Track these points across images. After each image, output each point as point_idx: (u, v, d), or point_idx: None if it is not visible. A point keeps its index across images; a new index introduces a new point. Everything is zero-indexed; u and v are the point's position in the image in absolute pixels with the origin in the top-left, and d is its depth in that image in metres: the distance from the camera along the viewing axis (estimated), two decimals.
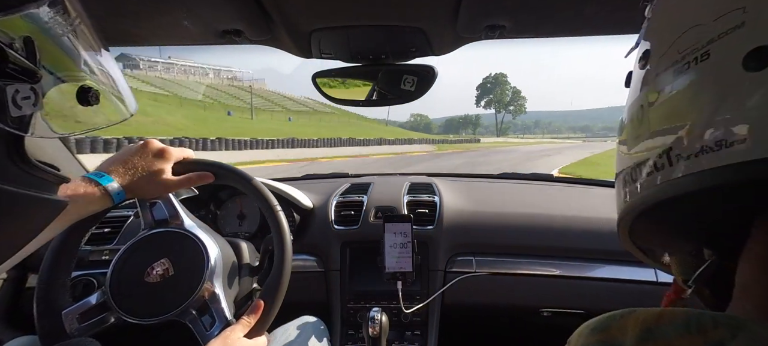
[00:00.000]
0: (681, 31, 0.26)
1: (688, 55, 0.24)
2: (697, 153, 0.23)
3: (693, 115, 0.24)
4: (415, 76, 0.91)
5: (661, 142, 0.26)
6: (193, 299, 0.67)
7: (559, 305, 1.06)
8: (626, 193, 0.29)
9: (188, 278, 0.69)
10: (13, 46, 0.50)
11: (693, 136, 0.23)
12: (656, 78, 0.27)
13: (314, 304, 1.10)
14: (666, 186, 0.25)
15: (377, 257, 1.04)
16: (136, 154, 0.68)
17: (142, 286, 0.68)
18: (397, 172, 1.68)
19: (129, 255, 0.71)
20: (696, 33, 0.24)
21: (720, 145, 0.21)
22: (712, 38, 0.23)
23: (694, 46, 0.24)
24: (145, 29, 0.78)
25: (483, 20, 0.74)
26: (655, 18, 0.30)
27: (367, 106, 0.95)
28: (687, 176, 0.23)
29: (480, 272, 1.06)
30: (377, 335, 0.83)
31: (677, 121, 0.25)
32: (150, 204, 0.74)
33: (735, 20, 0.22)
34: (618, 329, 0.23)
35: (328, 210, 1.18)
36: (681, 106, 0.25)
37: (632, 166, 0.28)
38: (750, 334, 0.19)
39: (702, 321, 0.20)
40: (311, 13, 0.73)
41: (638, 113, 0.28)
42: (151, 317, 0.67)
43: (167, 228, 0.73)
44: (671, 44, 0.26)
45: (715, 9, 0.23)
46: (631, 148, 0.29)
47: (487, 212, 1.18)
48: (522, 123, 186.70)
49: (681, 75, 0.25)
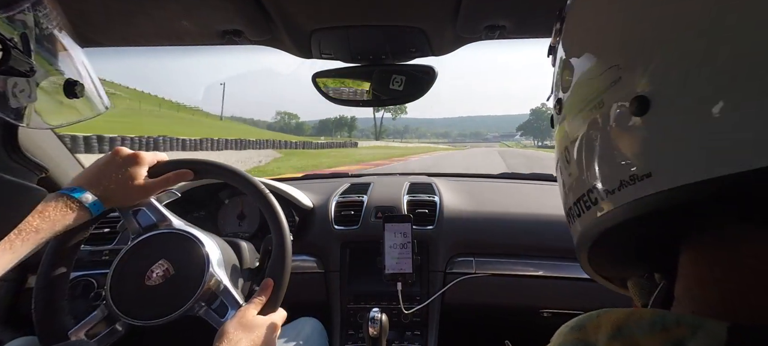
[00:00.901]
0: (580, 82, 0.30)
1: (588, 103, 0.28)
2: (614, 190, 0.26)
3: (601, 157, 0.27)
4: (415, 77, 0.91)
5: (585, 181, 0.29)
6: (200, 292, 0.67)
7: (559, 305, 1.06)
8: (572, 228, 0.33)
9: (191, 274, 0.69)
10: (13, 42, 0.51)
11: (606, 175, 0.27)
12: (568, 124, 0.31)
13: (314, 304, 1.10)
14: (597, 221, 0.28)
15: (377, 257, 1.04)
16: (106, 164, 0.67)
17: (144, 290, 0.67)
18: (397, 172, 1.68)
19: (124, 264, 0.69)
20: (591, 85, 0.28)
21: (634, 179, 0.24)
22: (602, 89, 0.27)
23: (591, 96, 0.28)
24: (145, 30, 0.78)
25: (483, 20, 0.74)
26: (558, 70, 0.34)
27: (367, 106, 0.95)
28: (610, 211, 0.27)
29: (480, 273, 1.06)
30: (377, 336, 0.83)
31: (591, 163, 0.28)
32: (133, 212, 0.73)
33: (613, 75, 0.26)
34: (592, 328, 0.25)
35: (328, 210, 1.18)
36: (592, 148, 0.28)
37: (571, 205, 0.32)
38: (707, 331, 0.20)
39: (666, 320, 0.22)
40: (311, 14, 0.73)
41: (564, 155, 0.32)
42: (160, 317, 0.66)
43: (158, 231, 0.73)
44: (574, 93, 0.30)
45: (599, 66, 0.28)
46: (567, 187, 0.33)
47: (487, 212, 1.18)
48: (394, 128, 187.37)
49: (586, 121, 0.28)
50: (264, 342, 0.65)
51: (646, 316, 0.23)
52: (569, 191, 0.32)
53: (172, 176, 0.72)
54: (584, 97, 0.28)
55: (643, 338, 0.22)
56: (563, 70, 0.33)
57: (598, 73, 0.27)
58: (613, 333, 0.23)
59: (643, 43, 0.25)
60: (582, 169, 0.29)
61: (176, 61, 44.85)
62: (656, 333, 0.22)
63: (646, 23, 0.25)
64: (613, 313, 0.24)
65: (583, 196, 0.30)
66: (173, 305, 0.67)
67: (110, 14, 0.72)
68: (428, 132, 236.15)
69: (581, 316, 0.26)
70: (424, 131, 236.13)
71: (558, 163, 0.34)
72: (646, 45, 0.25)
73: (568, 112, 0.31)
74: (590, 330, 0.25)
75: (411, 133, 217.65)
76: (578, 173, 0.30)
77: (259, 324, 0.66)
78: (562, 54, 0.34)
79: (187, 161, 0.75)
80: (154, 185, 0.70)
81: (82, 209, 0.61)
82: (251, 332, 0.64)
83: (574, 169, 0.30)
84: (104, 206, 0.65)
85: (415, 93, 0.92)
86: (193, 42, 0.84)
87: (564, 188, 0.33)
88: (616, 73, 0.26)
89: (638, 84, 0.24)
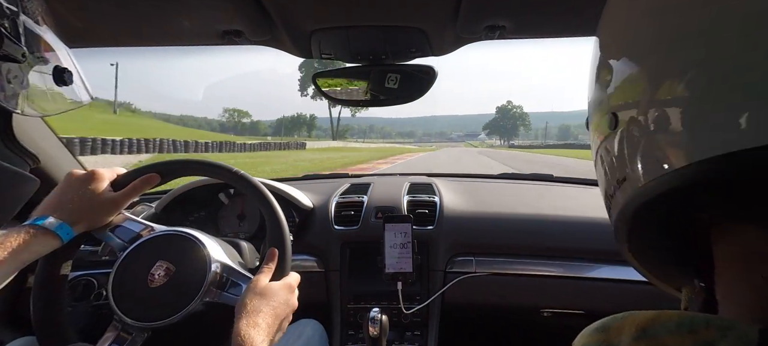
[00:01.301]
0: (594, 103, 0.33)
1: (607, 118, 0.30)
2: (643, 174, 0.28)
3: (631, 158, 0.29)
4: (415, 77, 0.91)
5: (618, 172, 0.31)
6: (207, 281, 0.67)
7: (559, 305, 1.06)
8: (615, 207, 0.33)
9: (193, 269, 0.69)
10: (5, 27, 0.51)
11: (635, 166, 0.29)
12: (594, 132, 0.34)
13: (314, 304, 1.10)
14: (634, 194, 0.29)
15: (377, 257, 1.04)
16: (63, 188, 0.65)
17: (150, 292, 0.66)
18: (396, 172, 1.68)
19: (121, 275, 0.68)
20: (602, 105, 0.31)
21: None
22: (615, 106, 0.29)
23: (606, 112, 0.30)
24: (145, 30, 0.78)
25: (483, 20, 0.74)
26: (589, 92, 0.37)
27: (367, 106, 0.96)
28: (646, 184, 0.28)
29: (480, 273, 1.06)
30: (377, 336, 0.83)
31: (618, 162, 0.30)
32: (111, 230, 0.71)
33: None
34: (616, 329, 0.24)
35: (329, 210, 1.18)
36: (619, 151, 0.30)
37: (618, 180, 0.32)
38: (738, 333, 0.20)
39: (694, 322, 0.22)
40: (311, 14, 0.73)
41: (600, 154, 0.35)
42: (176, 313, 0.65)
43: (154, 234, 0.72)
44: (593, 114, 0.34)
45: (603, 91, 0.31)
46: (603, 182, 0.34)
47: (487, 212, 1.18)
48: (358, 127, 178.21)
49: (609, 131, 0.31)
50: (284, 304, 0.65)
51: (673, 318, 0.22)
52: (602, 180, 0.34)
53: (137, 183, 0.70)
54: (602, 112, 0.32)
55: (668, 338, 0.22)
56: (588, 92, 0.36)
57: (611, 90, 0.31)
58: (637, 335, 0.23)
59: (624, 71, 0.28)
60: (610, 165, 0.32)
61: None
62: (684, 334, 0.21)
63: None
64: (639, 315, 0.24)
65: (612, 185, 0.32)
66: (182, 302, 0.66)
67: (110, 15, 0.72)
68: (393, 132, 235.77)
69: (606, 318, 0.26)
70: (389, 131, 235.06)
71: (598, 160, 0.36)
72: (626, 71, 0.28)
73: (593, 127, 0.35)
74: (613, 332, 0.25)
75: (376, 132, 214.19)
76: (607, 169, 0.33)
77: (275, 289, 0.66)
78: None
79: (152, 166, 0.74)
80: (120, 198, 0.69)
81: (48, 234, 0.60)
82: (270, 298, 0.64)
83: (605, 166, 0.33)
84: (74, 229, 0.63)
85: (414, 93, 0.92)
86: (193, 42, 0.84)
87: (605, 178, 0.35)
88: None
89: (610, 103, 0.29)
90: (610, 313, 0.26)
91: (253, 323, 0.59)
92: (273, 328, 0.62)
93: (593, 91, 0.33)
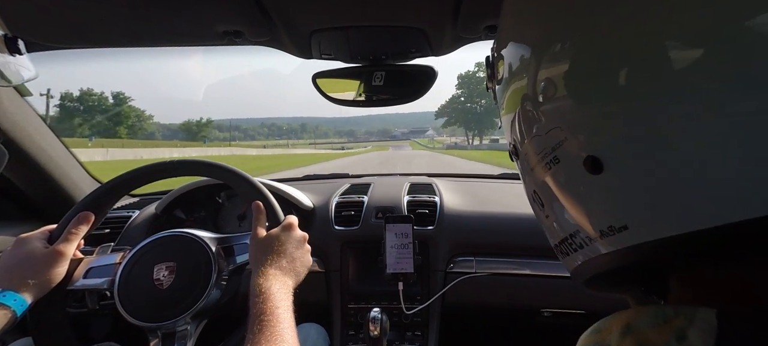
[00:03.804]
0: (530, 137, 0.29)
1: (544, 157, 0.28)
2: (594, 239, 0.26)
3: (573, 208, 0.27)
4: (415, 77, 0.91)
5: (564, 226, 0.29)
6: (212, 254, 0.69)
7: (559, 305, 1.06)
8: (563, 261, 0.33)
9: (193, 254, 0.70)
10: None
11: (584, 224, 0.27)
12: (531, 173, 0.31)
13: (315, 304, 1.10)
14: (587, 265, 0.29)
15: (378, 257, 1.04)
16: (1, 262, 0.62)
17: (160, 294, 0.66)
18: (396, 172, 1.68)
19: (124, 289, 0.67)
20: (539, 142, 0.28)
21: (612, 230, 0.25)
22: (552, 146, 0.27)
23: (544, 151, 0.28)
24: (145, 30, 0.78)
25: (483, 20, 0.74)
26: (504, 114, 0.33)
27: (367, 106, 0.95)
28: (599, 257, 0.27)
29: (480, 273, 1.06)
30: (378, 336, 0.83)
31: (563, 211, 0.28)
32: (84, 277, 0.68)
33: (559, 136, 0.26)
34: (607, 329, 0.26)
35: (329, 210, 1.18)
36: (562, 198, 0.28)
37: (556, 243, 0.32)
38: (701, 317, 0.22)
39: (666, 313, 0.23)
40: (311, 14, 0.73)
41: (535, 199, 0.32)
42: (196, 302, 0.65)
43: (129, 256, 0.70)
44: (528, 146, 0.30)
45: (543, 126, 0.27)
46: (545, 226, 0.33)
47: (488, 212, 1.18)
48: (287, 126, 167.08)
49: (547, 173, 0.28)
50: (289, 243, 0.66)
51: (650, 311, 0.24)
52: (550, 231, 0.32)
53: (71, 228, 0.66)
54: (537, 151, 0.28)
55: (650, 332, 0.23)
56: (509, 116, 0.32)
57: (543, 132, 0.27)
58: (622, 331, 0.24)
59: (578, 111, 0.24)
60: (557, 215, 0.30)
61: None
62: (660, 325, 0.23)
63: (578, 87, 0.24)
64: (623, 314, 0.26)
65: (566, 239, 0.30)
66: (202, 283, 0.67)
67: (111, 16, 0.72)
68: (331, 131, 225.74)
69: (601, 320, 0.27)
70: (326, 130, 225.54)
71: (531, 200, 0.34)
72: (583, 112, 0.24)
73: (525, 161, 0.31)
74: (605, 332, 0.26)
75: (309, 133, 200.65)
76: (554, 216, 0.30)
77: (275, 234, 0.67)
78: (502, 97, 0.33)
79: (85, 202, 0.70)
80: (61, 247, 0.64)
81: (4, 308, 0.56)
82: (272, 245, 0.65)
83: (549, 211, 0.31)
84: (24, 296, 0.59)
85: (414, 93, 0.92)
86: (193, 43, 0.84)
87: (543, 225, 0.33)
88: (562, 134, 0.26)
89: (585, 146, 0.24)
90: (610, 313, 0.27)
91: (263, 274, 0.59)
92: (288, 270, 0.63)
93: (539, 127, 0.28)
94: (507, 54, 0.32)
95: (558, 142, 0.26)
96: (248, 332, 0.50)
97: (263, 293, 0.55)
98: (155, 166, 0.76)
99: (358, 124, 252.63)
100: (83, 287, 0.68)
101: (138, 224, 1.17)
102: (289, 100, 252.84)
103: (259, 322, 0.51)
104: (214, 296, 0.68)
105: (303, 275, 0.66)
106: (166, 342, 0.65)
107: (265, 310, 0.53)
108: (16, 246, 0.63)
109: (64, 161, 1.14)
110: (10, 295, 0.57)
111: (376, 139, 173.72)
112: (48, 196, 1.12)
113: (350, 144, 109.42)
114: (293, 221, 0.71)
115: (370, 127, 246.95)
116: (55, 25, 0.74)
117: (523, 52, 0.29)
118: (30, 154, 1.02)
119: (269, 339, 0.49)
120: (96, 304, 0.71)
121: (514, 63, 0.30)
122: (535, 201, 0.32)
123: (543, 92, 0.27)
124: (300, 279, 0.65)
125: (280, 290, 0.57)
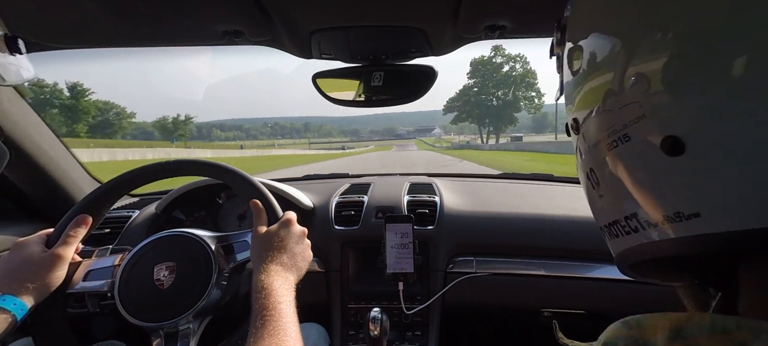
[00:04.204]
0: (600, 110, 0.27)
1: (612, 133, 0.26)
2: (658, 223, 0.25)
3: (637, 189, 0.26)
4: (415, 76, 0.91)
5: (622, 206, 0.27)
6: (212, 252, 0.69)
7: (559, 305, 1.06)
8: (609, 243, 0.32)
9: (193, 252, 0.70)
10: None
11: (647, 207, 0.25)
12: (591, 149, 0.29)
13: (315, 304, 1.10)
14: (644, 249, 0.27)
15: (378, 257, 1.04)
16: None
17: (161, 294, 0.66)
18: (396, 172, 1.68)
19: (125, 290, 0.67)
20: (612, 117, 0.26)
21: (680, 216, 0.23)
22: (625, 122, 0.25)
23: (614, 127, 0.26)
24: (145, 30, 0.78)
25: (483, 20, 0.74)
26: (571, 87, 0.31)
27: (367, 106, 0.95)
28: (662, 242, 0.25)
29: (481, 273, 1.06)
30: (378, 336, 0.83)
31: (625, 191, 0.27)
32: (83, 279, 0.68)
33: (637, 112, 0.24)
34: (650, 327, 0.24)
35: (329, 210, 1.18)
36: (625, 178, 0.27)
37: (607, 223, 0.30)
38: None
39: (727, 323, 0.22)
40: (311, 14, 0.73)
41: (591, 177, 0.30)
42: (197, 301, 0.65)
43: (129, 257, 0.70)
44: (595, 120, 0.28)
45: (619, 99, 0.25)
46: (596, 205, 0.31)
47: (488, 212, 1.18)
48: (291, 126, 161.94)
49: (612, 151, 0.26)
50: (288, 239, 0.67)
51: (706, 319, 0.23)
52: (601, 211, 0.31)
53: (70, 231, 0.66)
54: (606, 127, 0.27)
55: (704, 340, 0.22)
56: (576, 89, 0.30)
57: (617, 106, 0.25)
58: (671, 335, 0.23)
59: (667, 92, 0.23)
60: (615, 194, 0.28)
61: None
62: (717, 335, 0.21)
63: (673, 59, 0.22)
64: (671, 315, 0.24)
65: (620, 220, 0.28)
66: (204, 281, 0.67)
67: (110, 16, 0.72)
68: (335, 130, 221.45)
69: (637, 315, 0.26)
70: (330, 129, 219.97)
71: (584, 178, 0.32)
72: (673, 87, 0.22)
73: (588, 136, 0.29)
74: (648, 330, 0.24)
75: (312, 132, 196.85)
76: (611, 196, 0.28)
77: (274, 230, 0.68)
78: (569, 69, 0.31)
79: (80, 205, 0.69)
80: (60, 250, 0.64)
81: (4, 312, 0.56)
82: (272, 241, 0.66)
83: (605, 190, 0.29)
84: (24, 300, 0.58)
85: (414, 93, 0.92)
86: (193, 42, 0.84)
87: (594, 204, 0.32)
88: (640, 111, 0.24)
89: (667, 126, 0.23)
90: (610, 313, 0.26)
91: (264, 271, 0.60)
92: (289, 266, 0.63)
93: (612, 101, 0.26)
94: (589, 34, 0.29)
95: (634, 119, 0.24)
96: (251, 328, 0.51)
97: (265, 289, 0.56)
98: (155, 167, 0.76)
99: (363, 123, 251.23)
100: (83, 290, 0.68)
101: (138, 223, 1.17)
102: (293, 99, 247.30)
103: (262, 317, 0.52)
104: (215, 295, 0.68)
105: (304, 270, 0.66)
106: (169, 341, 0.65)
107: (267, 305, 0.53)
108: (14, 250, 0.63)
109: (64, 161, 1.14)
110: (10, 299, 0.57)
111: (379, 139, 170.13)
112: (48, 196, 1.12)
113: (352, 143, 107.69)
114: (292, 216, 0.71)
115: (375, 126, 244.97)
116: (55, 25, 0.74)
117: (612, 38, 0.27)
118: (30, 154, 1.02)
119: (272, 333, 0.49)
120: (97, 306, 0.70)
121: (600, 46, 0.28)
122: (589, 179, 0.31)
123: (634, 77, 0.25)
124: (301, 274, 0.65)
125: (282, 286, 0.58)
